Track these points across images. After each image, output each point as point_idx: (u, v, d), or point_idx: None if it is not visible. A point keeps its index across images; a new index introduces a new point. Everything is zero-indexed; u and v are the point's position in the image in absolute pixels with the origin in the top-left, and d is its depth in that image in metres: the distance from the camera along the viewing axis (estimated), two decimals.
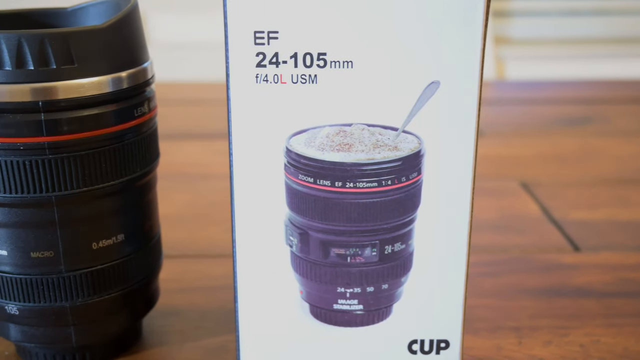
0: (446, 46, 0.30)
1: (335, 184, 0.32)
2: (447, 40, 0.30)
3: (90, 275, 0.33)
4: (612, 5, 1.45)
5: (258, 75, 0.30)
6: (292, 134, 0.31)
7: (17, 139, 0.30)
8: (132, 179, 0.33)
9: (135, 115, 0.33)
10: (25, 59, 0.29)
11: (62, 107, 0.30)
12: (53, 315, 0.33)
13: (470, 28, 0.29)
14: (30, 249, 0.32)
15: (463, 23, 0.29)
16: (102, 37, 0.31)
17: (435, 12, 0.29)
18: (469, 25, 0.29)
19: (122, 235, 0.34)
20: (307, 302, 0.34)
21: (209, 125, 0.80)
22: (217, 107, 0.88)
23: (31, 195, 0.31)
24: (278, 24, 0.30)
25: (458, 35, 0.29)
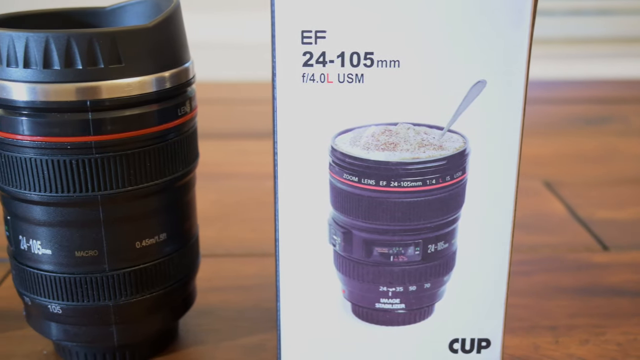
0: (493, 45, 0.30)
1: (380, 183, 0.32)
2: (494, 39, 0.30)
3: (133, 274, 0.33)
4: (623, 5, 1.45)
5: (305, 74, 0.30)
6: (338, 133, 0.31)
7: (65, 138, 0.30)
8: (174, 178, 0.33)
9: (178, 114, 0.33)
10: (74, 59, 0.29)
11: (109, 106, 0.30)
12: (96, 314, 0.33)
13: (517, 27, 0.29)
14: (75, 248, 0.32)
15: (510, 22, 0.29)
16: (148, 37, 0.31)
17: (482, 11, 0.29)
18: (516, 25, 0.29)
19: (164, 234, 0.34)
20: (349, 301, 0.34)
21: (226, 124, 0.80)
22: (233, 107, 0.88)
23: (77, 194, 0.31)
24: (326, 24, 0.30)
25: (505, 34, 0.30)
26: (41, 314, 0.34)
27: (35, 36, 0.29)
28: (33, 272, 0.33)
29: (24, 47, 0.29)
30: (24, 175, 0.31)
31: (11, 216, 0.33)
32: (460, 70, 0.30)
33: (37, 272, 0.33)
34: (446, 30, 0.29)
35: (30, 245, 0.33)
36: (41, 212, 0.32)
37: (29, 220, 0.32)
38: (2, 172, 0.32)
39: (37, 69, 0.29)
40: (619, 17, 1.40)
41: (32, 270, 0.33)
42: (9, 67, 0.30)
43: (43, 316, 0.34)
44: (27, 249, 0.33)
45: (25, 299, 0.34)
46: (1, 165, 0.32)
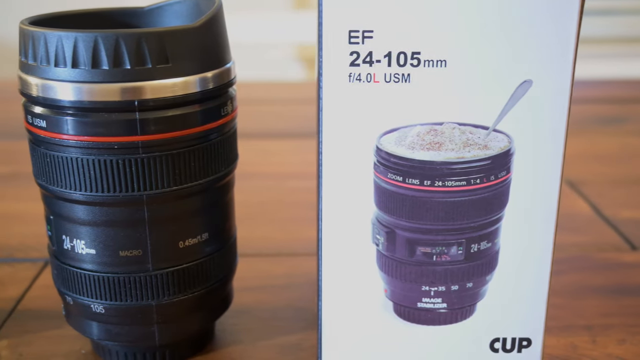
0: (540, 45, 0.30)
1: (424, 182, 0.32)
2: (540, 39, 0.30)
3: (176, 273, 0.33)
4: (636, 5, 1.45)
5: (351, 74, 0.30)
6: (383, 132, 0.31)
7: (112, 138, 0.30)
8: (216, 178, 0.33)
9: (221, 114, 0.33)
10: (122, 58, 0.29)
11: (156, 106, 0.30)
12: (139, 313, 0.33)
13: (564, 27, 0.30)
14: (119, 248, 0.32)
15: (557, 22, 0.29)
16: (194, 37, 0.31)
17: (529, 10, 0.29)
18: (563, 25, 0.30)
19: (207, 234, 0.34)
20: (391, 300, 0.34)
21: (244, 124, 0.80)
22: (251, 107, 0.88)
23: (123, 194, 0.31)
24: (373, 23, 0.30)
25: (552, 34, 0.30)
26: (83, 314, 0.34)
27: (84, 36, 0.29)
28: (76, 271, 0.33)
29: (73, 47, 0.29)
30: (69, 175, 0.31)
31: (54, 216, 0.33)
32: (507, 69, 0.30)
33: (80, 271, 0.33)
34: (493, 30, 0.30)
35: (74, 245, 0.33)
36: (86, 211, 0.32)
37: (73, 220, 0.32)
38: (47, 172, 0.32)
39: (86, 69, 0.29)
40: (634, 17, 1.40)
41: (75, 270, 0.33)
42: (57, 67, 0.30)
43: (84, 315, 0.34)
44: (70, 248, 0.33)
45: (67, 299, 0.34)
46: (45, 165, 0.32)
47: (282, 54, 1.76)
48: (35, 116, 0.31)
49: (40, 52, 0.30)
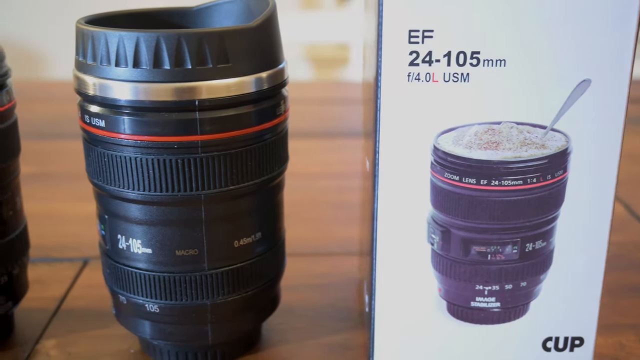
0: (598, 45, 0.30)
1: (481, 182, 0.32)
2: (599, 38, 0.30)
3: (230, 273, 0.33)
4: None
5: (410, 73, 0.30)
6: (441, 132, 0.31)
7: (172, 138, 0.30)
8: (271, 177, 0.33)
9: (276, 114, 0.33)
10: (184, 58, 0.29)
11: (216, 106, 0.30)
12: (193, 313, 0.33)
13: (623, 27, 0.30)
14: (176, 247, 0.32)
15: (616, 22, 0.29)
16: (253, 36, 0.31)
17: (588, 10, 0.29)
18: (622, 25, 0.30)
19: (260, 233, 0.34)
20: (445, 299, 0.34)
21: None
22: None
23: (182, 193, 0.31)
24: (433, 23, 0.30)
25: (611, 34, 0.30)
26: (136, 313, 0.34)
27: (146, 36, 0.29)
28: (131, 271, 0.33)
29: (134, 47, 0.29)
30: (127, 174, 0.31)
31: (109, 215, 0.33)
32: (565, 69, 0.30)
33: (135, 271, 0.33)
34: (552, 29, 0.30)
35: (130, 245, 0.33)
36: (143, 211, 0.32)
37: (129, 220, 0.32)
38: (103, 172, 0.32)
39: (147, 68, 0.29)
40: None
41: (130, 269, 0.33)
42: (118, 66, 0.30)
43: (138, 315, 0.34)
44: (125, 248, 0.33)
45: (120, 298, 0.34)
46: (103, 164, 0.32)
47: (290, 53, 1.76)
48: (93, 116, 0.31)
49: (101, 52, 0.30)
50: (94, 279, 0.45)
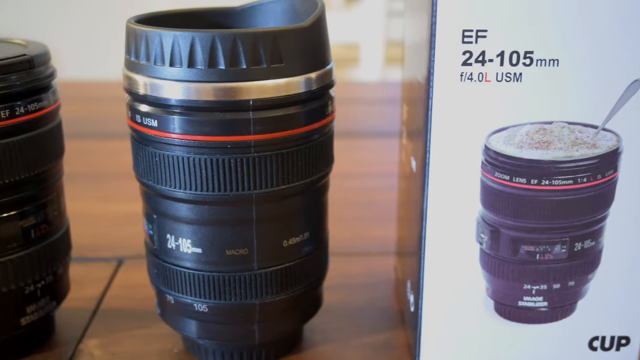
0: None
1: (531, 181, 0.32)
2: None
3: (279, 272, 0.33)
4: None
5: (463, 73, 0.31)
6: (492, 132, 0.31)
7: (225, 138, 0.30)
8: (319, 177, 0.34)
9: (325, 114, 0.33)
10: (239, 58, 0.29)
11: (269, 105, 0.30)
12: (242, 312, 0.34)
13: None
14: (226, 247, 0.32)
15: None
16: (304, 36, 0.31)
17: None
18: None
19: (308, 233, 0.34)
20: (493, 299, 0.34)
21: None
22: None
23: (233, 193, 0.31)
24: (487, 23, 0.30)
25: None
26: (183, 312, 0.34)
27: (202, 36, 0.29)
28: (180, 270, 0.33)
29: (189, 47, 0.29)
30: (179, 174, 0.31)
31: (158, 215, 0.33)
32: (618, 69, 0.30)
33: (184, 270, 0.33)
34: (606, 29, 0.30)
35: (179, 244, 0.33)
36: (194, 210, 0.32)
37: (180, 219, 0.32)
38: (154, 171, 0.32)
39: (202, 68, 0.29)
40: None
41: (179, 269, 0.33)
42: (172, 66, 0.30)
43: (185, 314, 0.34)
44: (174, 247, 0.33)
45: (167, 297, 0.34)
46: (154, 164, 0.32)
47: None
48: (145, 115, 0.31)
49: (155, 52, 0.30)
50: (130, 279, 0.45)
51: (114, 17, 1.72)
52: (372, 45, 1.67)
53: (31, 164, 0.33)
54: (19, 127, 0.33)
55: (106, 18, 1.72)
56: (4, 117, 0.32)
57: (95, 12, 1.73)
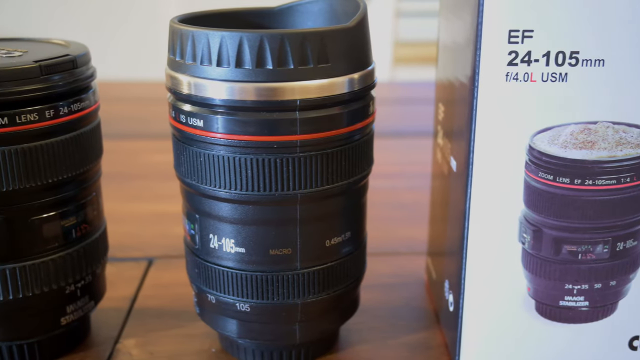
0: None
1: (574, 181, 0.32)
2: None
3: (321, 272, 0.33)
4: None
5: (508, 73, 0.31)
6: (536, 131, 0.31)
7: (272, 138, 0.30)
8: (361, 177, 0.34)
9: (368, 114, 0.33)
10: (287, 58, 0.30)
11: (316, 105, 0.31)
12: (284, 312, 0.34)
13: None
14: (270, 246, 0.32)
15: None
16: (350, 37, 0.31)
17: None
18: None
19: (349, 233, 0.34)
20: (534, 298, 0.34)
21: None
22: None
23: (279, 192, 0.31)
24: (533, 23, 0.30)
25: None
26: (224, 312, 0.34)
27: (250, 36, 0.29)
28: (222, 270, 0.33)
29: (237, 47, 0.29)
30: (224, 174, 0.31)
31: (200, 214, 0.33)
32: None
33: (227, 270, 0.33)
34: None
35: (222, 244, 0.33)
36: (238, 210, 0.32)
37: (223, 219, 0.32)
38: (198, 171, 0.32)
39: (249, 68, 0.30)
40: None
41: (222, 269, 0.33)
42: (219, 66, 0.30)
43: (226, 314, 0.34)
44: (217, 247, 0.33)
45: (208, 297, 0.34)
46: (198, 164, 0.32)
47: None
48: (190, 115, 0.31)
49: (201, 52, 0.30)
50: (162, 278, 0.45)
51: (114, 17, 1.73)
52: (381, 46, 1.67)
53: (73, 164, 0.33)
54: (63, 127, 0.33)
55: (106, 18, 1.72)
56: (49, 117, 0.32)
57: (95, 12, 1.73)
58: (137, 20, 1.71)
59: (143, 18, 1.71)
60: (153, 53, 1.64)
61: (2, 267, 0.33)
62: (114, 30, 1.66)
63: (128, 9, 1.72)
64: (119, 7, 1.72)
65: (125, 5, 1.72)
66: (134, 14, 1.72)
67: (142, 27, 1.65)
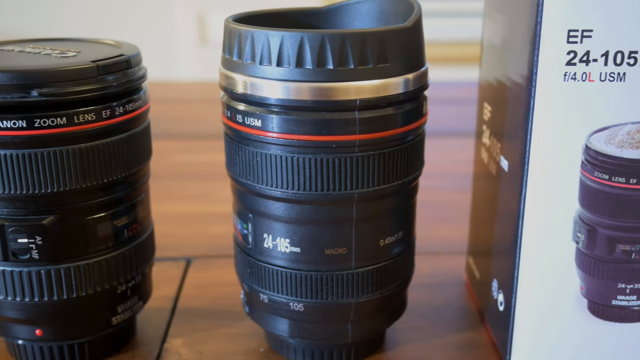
0: None
1: (630, 180, 0.32)
2: None
3: (375, 272, 0.34)
4: None
5: (566, 73, 0.31)
6: (593, 131, 0.31)
7: (331, 137, 0.30)
8: (414, 177, 0.34)
9: (421, 114, 0.33)
10: (347, 58, 0.30)
11: (374, 105, 0.31)
12: (337, 311, 0.34)
13: None
14: (325, 246, 0.32)
15: None
16: (407, 37, 0.31)
17: None
18: None
19: (402, 232, 0.34)
20: (586, 297, 0.34)
21: None
22: None
23: (336, 192, 0.31)
24: (593, 23, 0.30)
25: None
26: (277, 311, 0.34)
27: (310, 36, 0.29)
28: (276, 269, 0.33)
29: (298, 47, 0.29)
30: (281, 173, 0.31)
31: (254, 214, 0.33)
32: None
33: (281, 269, 0.33)
34: None
35: (277, 244, 0.33)
36: (295, 210, 0.32)
37: (279, 219, 0.32)
38: (254, 171, 0.32)
39: (310, 68, 0.30)
40: None
41: (276, 268, 0.33)
42: (280, 66, 0.30)
43: (279, 313, 0.34)
44: (271, 247, 0.33)
45: (261, 297, 0.34)
46: (255, 163, 0.32)
47: None
48: (247, 115, 0.31)
49: (261, 52, 0.30)
50: (201, 278, 0.45)
51: (114, 17, 1.73)
52: None
53: (127, 164, 0.34)
54: (117, 128, 0.33)
55: (106, 18, 1.73)
56: (105, 117, 0.32)
57: (95, 12, 1.74)
58: (137, 20, 1.71)
59: (143, 18, 1.71)
60: (162, 53, 1.64)
61: (56, 267, 0.33)
62: (114, 30, 1.67)
63: (128, 8, 1.73)
64: (119, 7, 1.73)
65: (126, 5, 1.73)
66: (134, 13, 1.72)
67: (142, 28, 1.65)
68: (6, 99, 0.30)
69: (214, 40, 1.65)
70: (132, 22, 1.73)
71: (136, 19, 1.72)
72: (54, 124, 0.31)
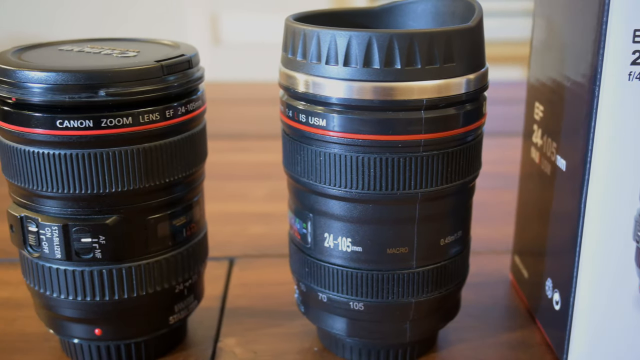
0: None
1: None
2: None
3: (435, 271, 0.34)
4: None
5: (631, 73, 0.31)
6: None
7: (397, 137, 0.31)
8: (474, 176, 0.34)
9: (482, 115, 0.33)
10: (414, 58, 0.30)
11: (440, 105, 0.31)
12: (397, 311, 0.34)
13: None
14: (387, 245, 0.33)
15: None
16: (471, 37, 0.31)
17: None
18: None
19: (461, 232, 0.34)
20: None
21: None
22: None
23: (400, 192, 0.31)
24: None
25: None
26: (336, 310, 0.34)
27: (379, 36, 0.29)
28: (337, 269, 0.33)
29: (365, 47, 0.30)
30: (345, 173, 0.31)
31: (314, 213, 0.33)
32: None
33: (342, 269, 0.33)
34: None
35: (338, 243, 0.33)
36: (358, 209, 0.32)
37: (340, 218, 0.33)
38: (316, 170, 0.32)
39: (378, 68, 0.30)
40: None
41: (336, 268, 0.33)
42: (347, 66, 0.30)
43: (337, 312, 0.34)
44: (332, 246, 0.33)
45: (320, 296, 0.34)
46: (318, 163, 0.32)
47: None
48: (310, 114, 0.31)
49: (328, 51, 0.30)
50: (247, 277, 0.45)
51: (121, 17, 1.73)
52: None
53: (187, 164, 0.34)
54: (179, 128, 0.33)
55: (112, 18, 1.73)
56: (168, 116, 0.32)
57: (95, 12, 1.74)
58: (147, 21, 1.71)
59: (143, 18, 1.72)
60: None
61: (118, 267, 0.33)
62: (126, 29, 1.67)
63: (138, 8, 1.73)
64: (128, 7, 1.73)
65: (136, 5, 1.73)
66: (144, 14, 1.72)
67: (153, 28, 1.65)
68: (74, 99, 0.30)
69: (227, 41, 1.65)
70: (142, 22, 1.73)
71: (147, 18, 1.72)
72: (120, 124, 0.31)
